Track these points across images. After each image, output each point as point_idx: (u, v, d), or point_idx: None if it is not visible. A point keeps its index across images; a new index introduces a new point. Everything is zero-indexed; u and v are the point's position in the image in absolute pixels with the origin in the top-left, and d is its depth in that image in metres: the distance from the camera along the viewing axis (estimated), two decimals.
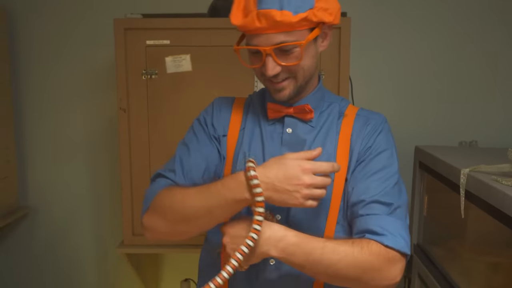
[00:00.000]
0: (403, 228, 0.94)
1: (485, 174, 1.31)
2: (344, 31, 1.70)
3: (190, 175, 1.04)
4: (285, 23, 0.89)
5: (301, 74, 0.98)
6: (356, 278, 0.89)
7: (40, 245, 2.33)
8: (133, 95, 1.77)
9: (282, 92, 1.00)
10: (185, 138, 1.11)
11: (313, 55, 0.98)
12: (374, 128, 1.04)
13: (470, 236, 1.51)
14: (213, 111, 1.11)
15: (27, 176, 2.29)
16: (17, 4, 2.18)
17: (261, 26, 0.90)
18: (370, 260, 0.89)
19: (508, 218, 1.14)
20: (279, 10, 0.89)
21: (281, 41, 0.91)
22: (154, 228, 0.99)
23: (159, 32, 1.73)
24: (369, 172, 0.99)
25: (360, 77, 2.07)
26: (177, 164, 1.04)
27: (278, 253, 0.88)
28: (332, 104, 1.08)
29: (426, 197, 1.81)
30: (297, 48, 0.93)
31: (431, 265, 1.67)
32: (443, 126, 2.16)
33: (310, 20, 0.91)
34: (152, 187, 1.03)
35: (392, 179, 0.99)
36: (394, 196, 0.97)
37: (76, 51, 2.18)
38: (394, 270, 0.91)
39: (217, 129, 1.09)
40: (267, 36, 0.91)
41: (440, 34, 2.12)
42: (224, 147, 1.07)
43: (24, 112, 2.25)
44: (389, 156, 1.02)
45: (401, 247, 0.91)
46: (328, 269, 0.88)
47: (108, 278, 2.36)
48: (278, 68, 0.95)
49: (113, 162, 2.19)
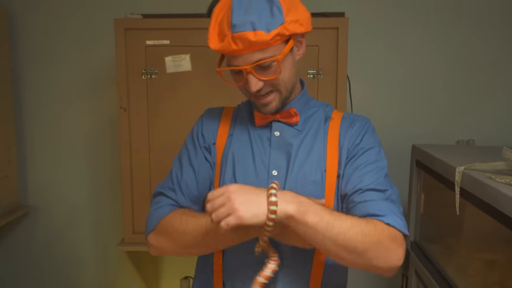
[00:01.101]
0: (399, 212, 0.99)
1: (479, 172, 1.32)
2: (341, 31, 1.71)
3: (189, 191, 1.10)
4: (260, 42, 0.93)
5: (283, 86, 1.03)
6: (363, 251, 0.90)
7: (40, 244, 2.35)
8: (133, 94, 1.79)
9: (269, 106, 1.05)
10: (179, 153, 1.16)
11: (291, 66, 1.03)
12: (360, 128, 1.09)
13: (466, 233, 1.53)
14: (202, 121, 1.16)
15: (28, 175, 2.30)
16: (17, 3, 2.19)
17: (237, 48, 0.94)
18: (376, 234, 0.91)
19: (502, 215, 1.16)
20: (252, 31, 0.93)
21: (258, 59, 0.96)
22: (160, 248, 1.06)
23: (159, 32, 1.75)
24: (360, 165, 1.03)
25: (357, 77, 2.09)
26: (175, 183, 1.10)
27: (293, 210, 0.87)
28: (317, 110, 1.13)
29: (423, 195, 1.82)
30: (275, 63, 0.98)
31: (428, 262, 1.69)
32: (440, 125, 2.18)
33: (283, 34, 0.95)
34: (157, 208, 1.08)
35: (383, 171, 1.04)
36: (386, 185, 1.02)
37: (77, 51, 2.20)
38: (398, 251, 0.93)
39: (206, 138, 1.13)
40: (245, 56, 0.96)
41: (439, 33, 2.13)
42: (214, 154, 1.12)
43: (25, 112, 2.27)
44: (377, 152, 1.07)
45: (401, 227, 0.95)
46: (338, 236, 0.89)
47: (109, 276, 2.37)
48: (260, 83, 0.99)
49: (113, 161, 2.21)
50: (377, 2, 2.13)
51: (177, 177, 1.11)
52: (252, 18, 0.93)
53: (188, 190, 1.10)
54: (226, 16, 0.96)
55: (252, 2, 0.95)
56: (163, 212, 1.06)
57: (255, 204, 0.87)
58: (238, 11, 0.94)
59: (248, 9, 0.94)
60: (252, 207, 0.86)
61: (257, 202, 0.87)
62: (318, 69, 1.75)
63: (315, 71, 1.75)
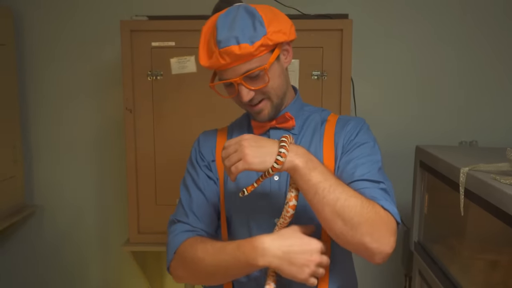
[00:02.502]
0: (393, 202, 0.99)
1: (484, 173, 1.33)
2: (345, 33, 1.72)
3: (200, 212, 1.13)
4: (245, 54, 0.99)
5: (274, 93, 1.07)
6: (358, 223, 0.89)
7: (46, 243, 2.36)
8: (138, 95, 1.80)
9: (262, 113, 1.09)
10: (184, 179, 1.19)
11: (279, 74, 1.07)
12: (354, 126, 1.12)
13: (470, 234, 1.53)
14: (199, 142, 1.20)
15: (33, 175, 2.32)
16: (23, 4, 2.21)
17: (225, 62, 1.00)
18: (374, 213, 0.91)
19: (507, 216, 1.16)
20: (237, 44, 0.98)
21: (246, 70, 1.01)
22: (180, 277, 1.10)
23: (164, 34, 1.76)
24: (355, 158, 1.05)
25: (361, 78, 2.10)
26: (186, 207, 1.14)
27: (301, 162, 0.91)
28: (312, 114, 1.17)
29: (427, 196, 1.83)
30: (262, 73, 1.02)
31: (432, 262, 1.70)
32: (443, 126, 2.18)
33: (266, 44, 1.00)
34: (173, 237, 1.10)
35: (377, 165, 1.05)
36: (380, 177, 1.03)
37: (83, 52, 2.21)
38: (390, 237, 0.92)
39: (205, 157, 1.17)
40: (233, 69, 1.01)
41: (442, 35, 2.14)
42: (215, 170, 1.16)
43: (31, 113, 2.28)
44: (372, 147, 1.09)
45: (395, 214, 0.96)
46: (338, 202, 0.90)
47: (114, 276, 2.38)
48: (251, 93, 1.04)
49: (118, 161, 2.22)
50: (381, 4, 2.14)
51: (186, 201, 1.15)
52: (236, 33, 0.98)
53: (200, 211, 1.13)
54: (212, 35, 1.02)
55: (235, 19, 1.01)
56: (178, 240, 1.08)
57: (265, 152, 0.92)
58: (223, 28, 1.00)
59: (232, 25, 1.00)
60: (261, 154, 0.91)
61: (267, 151, 0.92)
62: (322, 70, 1.76)
63: (319, 73, 1.76)
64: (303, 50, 1.75)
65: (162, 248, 2.13)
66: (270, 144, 0.94)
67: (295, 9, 1.96)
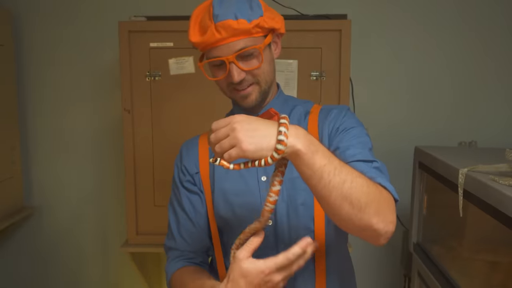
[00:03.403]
0: (388, 180, 0.96)
1: (483, 174, 1.33)
2: (344, 33, 1.72)
3: (188, 235, 1.15)
4: (243, 29, 0.97)
5: (263, 78, 1.05)
6: (366, 204, 0.83)
7: (44, 245, 2.36)
8: (137, 96, 1.80)
9: (249, 98, 1.05)
10: (171, 199, 1.20)
11: (270, 61, 1.06)
12: (338, 113, 1.09)
13: (469, 235, 1.53)
14: (182, 155, 1.18)
15: (32, 176, 2.31)
16: (21, 6, 2.20)
17: (221, 37, 0.97)
18: (378, 192, 0.87)
19: (506, 216, 1.16)
20: (235, 19, 0.97)
21: (241, 47, 0.99)
22: None
23: (162, 34, 1.76)
24: (343, 141, 1.02)
25: (360, 79, 2.10)
26: (173, 230, 1.16)
27: (303, 146, 0.79)
28: (296, 107, 1.15)
29: (426, 197, 1.83)
30: (257, 52, 1.01)
31: (431, 264, 1.69)
32: (443, 127, 2.18)
33: (262, 26, 1.00)
34: (168, 263, 1.16)
35: (367, 145, 1.02)
36: (372, 157, 0.99)
37: (81, 53, 2.21)
38: (393, 214, 0.89)
39: (189, 170, 1.15)
40: (227, 45, 0.98)
41: (441, 35, 2.14)
42: (200, 182, 1.14)
43: (29, 113, 2.28)
44: (360, 131, 1.05)
45: (393, 191, 0.92)
46: (345, 184, 0.82)
47: (112, 277, 2.38)
48: (243, 74, 1.01)
49: (117, 162, 2.22)
50: (379, 4, 2.14)
51: (173, 223, 1.16)
52: (233, 9, 0.98)
53: (187, 233, 1.14)
54: (207, 11, 1.00)
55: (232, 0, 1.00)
56: (170, 270, 1.14)
57: (262, 136, 0.79)
58: (220, 5, 0.98)
59: (228, 3, 0.99)
60: (258, 139, 0.78)
61: (264, 134, 0.79)
62: (321, 71, 1.76)
63: (318, 73, 1.76)
64: (301, 51, 1.75)
65: (160, 249, 2.13)
66: (267, 124, 0.81)
67: (293, 10, 1.96)
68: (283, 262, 0.81)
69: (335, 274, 1.10)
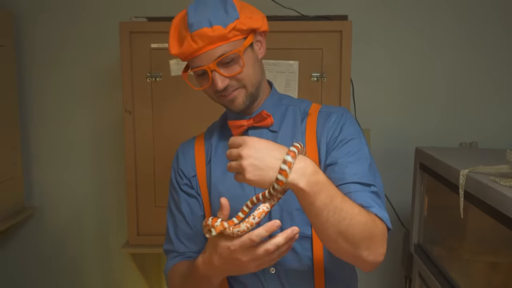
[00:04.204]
0: (384, 205, 0.96)
1: (483, 175, 1.33)
2: (345, 34, 1.72)
3: (186, 238, 1.14)
4: (218, 36, 0.95)
5: (249, 81, 1.02)
6: (360, 240, 0.86)
7: (45, 245, 2.36)
8: (138, 97, 1.80)
9: (236, 101, 1.04)
10: (168, 203, 1.19)
11: (253, 62, 1.03)
12: (337, 120, 1.06)
13: (470, 236, 1.53)
14: (178, 158, 1.16)
15: (33, 177, 2.31)
16: (23, 7, 2.21)
17: (198, 46, 0.96)
18: (373, 226, 0.88)
19: (506, 218, 1.16)
20: (210, 27, 0.95)
21: (219, 54, 0.97)
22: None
23: (163, 35, 1.74)
24: (342, 157, 1.00)
25: (361, 79, 2.10)
26: (171, 234, 1.15)
27: (307, 186, 0.79)
28: (290, 107, 1.12)
29: (426, 198, 1.83)
30: (237, 57, 0.98)
31: (431, 265, 1.69)
32: (443, 128, 2.18)
33: (240, 29, 0.97)
34: (166, 263, 1.16)
35: (366, 162, 1.00)
36: (371, 178, 0.98)
37: (82, 54, 2.21)
38: (383, 246, 0.90)
39: (186, 173, 1.14)
40: (206, 54, 0.97)
41: (441, 36, 2.14)
42: (197, 186, 1.13)
43: (30, 114, 2.28)
44: (358, 142, 1.03)
45: (387, 221, 0.93)
46: (342, 222, 0.83)
47: (113, 278, 2.38)
48: (226, 80, 1.00)
49: (118, 163, 2.22)
50: (380, 5, 2.14)
51: (172, 227, 1.16)
52: (207, 16, 0.96)
53: (185, 236, 1.14)
54: (183, 21, 0.99)
55: (206, 5, 0.98)
56: (167, 267, 1.14)
57: (267, 168, 0.80)
58: (194, 12, 0.97)
59: (203, 10, 0.97)
60: (262, 172, 0.80)
61: (270, 166, 0.80)
62: (322, 71, 1.76)
63: (319, 74, 1.76)
64: (302, 52, 1.75)
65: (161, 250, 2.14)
66: (274, 157, 0.80)
67: (294, 11, 1.96)
68: (245, 242, 0.82)
69: (335, 281, 1.08)
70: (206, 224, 0.86)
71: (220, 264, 0.87)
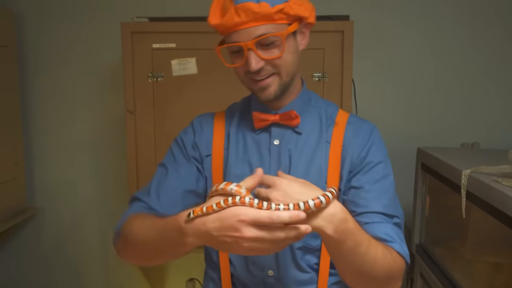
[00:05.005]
0: (403, 240, 0.96)
1: (486, 175, 1.33)
2: (347, 34, 1.72)
3: (166, 198, 1.01)
4: (264, 14, 0.90)
5: (284, 69, 0.97)
6: (377, 279, 0.86)
7: (47, 246, 2.36)
8: (139, 97, 1.80)
9: (268, 89, 0.98)
10: (163, 159, 1.09)
11: (293, 51, 0.98)
12: (365, 138, 1.02)
13: (472, 236, 1.53)
14: (194, 130, 1.09)
15: (35, 177, 2.32)
16: (25, 7, 2.21)
17: (240, 20, 0.90)
18: (392, 264, 0.88)
19: (509, 218, 1.16)
20: (257, 2, 0.90)
21: (261, 34, 0.91)
22: (122, 253, 1.00)
23: (165, 35, 1.76)
24: (367, 183, 0.98)
25: (363, 80, 2.09)
26: (153, 187, 1.04)
27: (334, 234, 0.78)
28: (319, 110, 1.07)
29: (428, 198, 1.83)
30: (279, 41, 0.93)
31: (433, 265, 1.69)
32: (445, 128, 2.18)
33: (287, 13, 0.92)
34: (127, 211, 1.02)
35: (391, 191, 1.00)
36: (394, 208, 0.98)
37: (84, 54, 2.22)
38: (400, 281, 0.91)
39: (200, 149, 1.07)
40: (247, 30, 0.91)
41: (442, 36, 2.14)
42: (208, 168, 1.05)
43: (32, 114, 2.28)
44: (385, 167, 1.01)
45: (407, 257, 0.93)
46: (366, 264, 0.83)
47: (115, 278, 2.38)
48: (261, 62, 0.94)
49: (119, 163, 2.22)
50: (381, 5, 2.14)
51: (158, 183, 1.04)
52: None
53: (167, 197, 1.02)
54: None
55: None
56: (127, 213, 1.00)
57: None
58: None
59: None
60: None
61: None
62: (323, 72, 1.76)
63: (321, 74, 1.76)
64: (304, 52, 1.73)
65: None
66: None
67: None
68: (262, 217, 0.72)
69: (339, 285, 1.06)
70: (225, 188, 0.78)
71: (213, 228, 0.74)
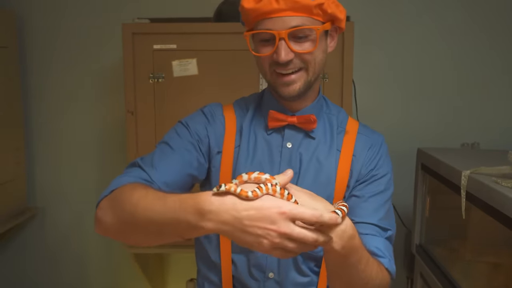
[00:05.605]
0: (392, 256, 0.98)
1: (485, 176, 1.33)
2: (347, 35, 1.72)
3: (171, 177, 0.94)
4: (304, 4, 0.87)
5: (313, 65, 0.94)
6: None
7: (48, 246, 2.37)
8: (140, 98, 1.80)
9: (292, 86, 0.94)
10: (165, 138, 1.03)
11: (324, 50, 0.96)
12: (375, 151, 1.03)
13: (471, 237, 1.53)
14: (208, 119, 1.04)
15: (35, 177, 2.32)
16: (26, 7, 2.21)
17: (278, 7, 0.87)
18: (381, 279, 0.91)
19: (508, 219, 1.16)
20: None
21: (297, 24, 0.88)
22: (105, 224, 0.88)
23: (166, 36, 1.76)
24: (368, 194, 0.99)
25: (363, 81, 2.10)
26: (155, 158, 0.96)
27: (342, 250, 0.77)
28: (330, 116, 1.06)
29: (428, 199, 1.83)
30: (313, 35, 0.90)
31: (433, 265, 1.70)
32: (445, 129, 2.18)
33: (325, 10, 0.90)
34: (123, 176, 0.93)
35: (388, 203, 1.01)
36: (389, 221, 0.99)
37: (85, 55, 2.22)
38: None
39: (210, 142, 1.02)
40: (282, 19, 0.88)
41: (443, 37, 2.14)
42: (217, 165, 1.01)
43: (34, 114, 2.29)
44: (388, 180, 1.02)
45: (393, 272, 0.95)
46: (360, 281, 0.86)
47: (115, 278, 2.38)
48: (291, 54, 0.90)
49: (120, 164, 2.22)
50: (382, 6, 2.14)
51: (159, 154, 0.97)
52: None
53: (168, 173, 0.94)
54: None
55: None
56: (122, 181, 0.90)
57: None
58: None
59: None
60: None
61: None
62: (323, 73, 1.76)
63: (321, 75, 1.76)
64: None
65: (164, 250, 2.15)
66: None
67: None
68: (307, 214, 0.69)
69: None
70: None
71: (246, 216, 0.69)
